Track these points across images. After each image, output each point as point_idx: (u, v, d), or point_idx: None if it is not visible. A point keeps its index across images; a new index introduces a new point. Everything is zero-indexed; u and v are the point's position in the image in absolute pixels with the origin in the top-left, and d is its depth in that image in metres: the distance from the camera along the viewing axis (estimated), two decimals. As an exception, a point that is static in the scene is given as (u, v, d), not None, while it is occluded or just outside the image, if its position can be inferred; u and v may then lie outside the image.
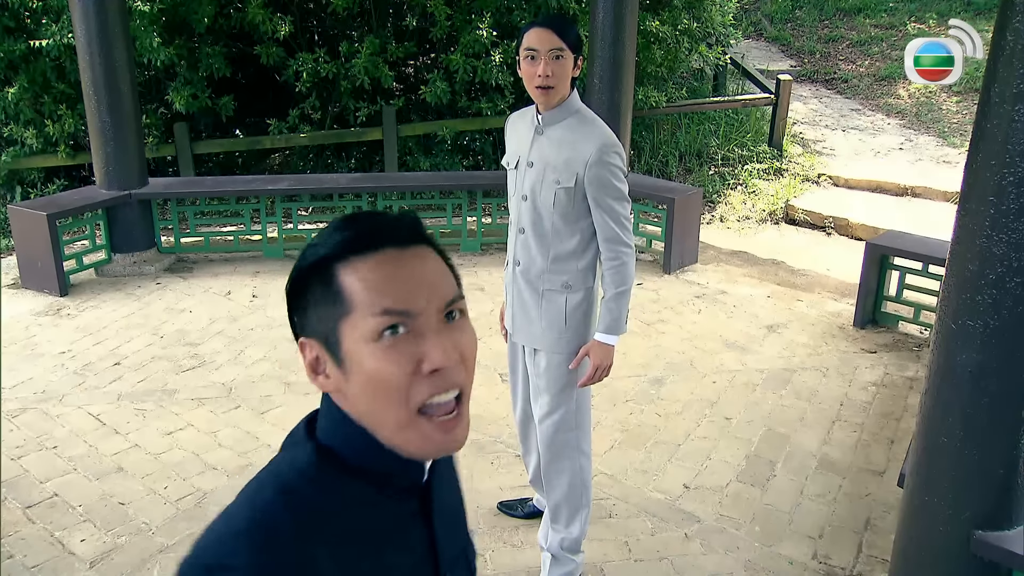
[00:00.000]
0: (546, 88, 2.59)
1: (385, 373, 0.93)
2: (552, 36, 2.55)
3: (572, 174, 2.62)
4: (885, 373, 4.85)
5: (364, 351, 0.93)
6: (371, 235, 0.96)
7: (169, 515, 3.49)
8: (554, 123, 2.68)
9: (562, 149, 2.64)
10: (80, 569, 3.18)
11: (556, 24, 2.58)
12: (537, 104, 2.69)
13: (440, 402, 0.96)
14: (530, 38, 2.57)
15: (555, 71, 2.56)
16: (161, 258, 6.49)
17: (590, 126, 2.66)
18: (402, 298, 0.94)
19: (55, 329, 5.31)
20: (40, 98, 7.48)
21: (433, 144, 8.51)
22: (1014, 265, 2.24)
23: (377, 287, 0.93)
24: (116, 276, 6.24)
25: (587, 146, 2.60)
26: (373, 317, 0.93)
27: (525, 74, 2.61)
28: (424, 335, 0.94)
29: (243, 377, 4.68)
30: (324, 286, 0.95)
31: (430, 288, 0.96)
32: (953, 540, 2.57)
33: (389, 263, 0.95)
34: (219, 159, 8.71)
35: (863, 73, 11.98)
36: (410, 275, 0.95)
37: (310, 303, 0.97)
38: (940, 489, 2.59)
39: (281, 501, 0.92)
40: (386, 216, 1.00)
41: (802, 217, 7.87)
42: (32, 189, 7.76)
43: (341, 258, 0.95)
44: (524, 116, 2.83)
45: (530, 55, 2.57)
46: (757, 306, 5.78)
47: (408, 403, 0.94)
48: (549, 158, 2.67)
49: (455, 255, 6.68)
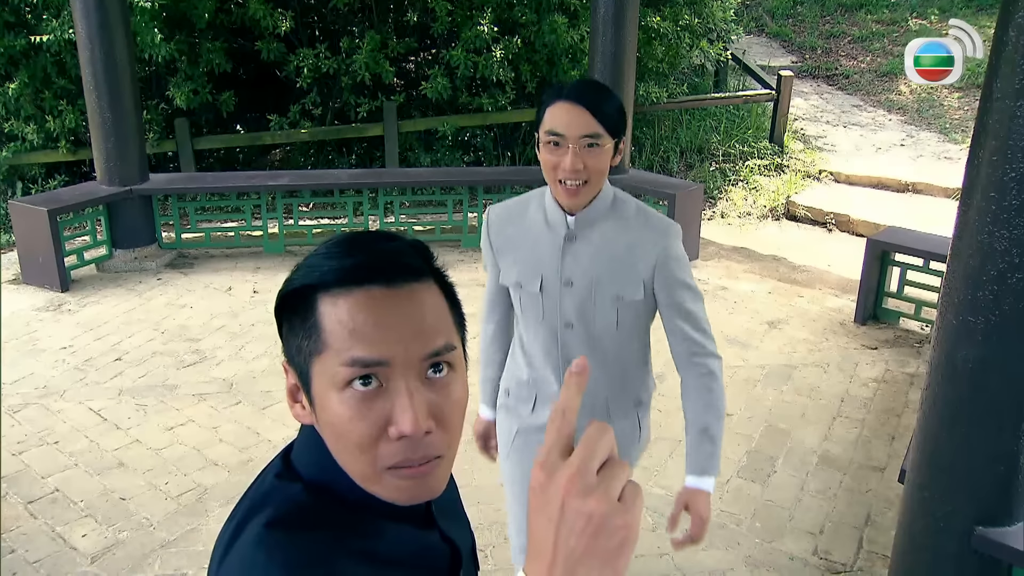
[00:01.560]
0: (575, 188, 1.91)
1: (348, 428, 0.85)
2: (585, 117, 1.85)
3: (638, 283, 2.00)
4: (886, 369, 4.85)
5: (332, 397, 0.86)
6: (359, 269, 0.87)
7: (170, 510, 3.50)
8: (593, 222, 2.00)
9: (615, 254, 2.00)
10: (81, 564, 3.18)
11: (590, 99, 1.87)
12: (560, 203, 1.99)
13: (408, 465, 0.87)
14: (554, 118, 1.88)
15: (588, 164, 1.88)
16: (162, 254, 6.49)
17: (641, 215, 2.04)
18: (377, 347, 0.84)
19: (56, 324, 5.31)
20: (41, 94, 7.48)
21: (434, 140, 8.50)
22: (1015, 261, 2.24)
23: (352, 331, 0.85)
24: (117, 272, 6.24)
25: (649, 243, 1.99)
26: (343, 366, 0.84)
27: (545, 162, 1.91)
28: (398, 392, 0.85)
29: (244, 373, 4.68)
30: (303, 316, 0.88)
31: (414, 336, 0.86)
32: (954, 536, 2.57)
33: (371, 305, 0.86)
34: (220, 155, 8.71)
35: (864, 69, 11.97)
36: (392, 321, 0.86)
37: (290, 330, 0.91)
38: (941, 485, 2.59)
39: (290, 537, 0.85)
40: (385, 246, 0.91)
41: (803, 213, 7.87)
42: (33, 185, 7.77)
43: (324, 289, 0.87)
44: (526, 214, 2.09)
45: (553, 140, 1.88)
46: (758, 302, 5.78)
47: (373, 464, 0.87)
48: (598, 270, 2.01)
49: (455, 251, 6.68)
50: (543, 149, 1.91)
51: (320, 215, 7.38)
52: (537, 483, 0.67)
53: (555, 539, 0.65)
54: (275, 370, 4.62)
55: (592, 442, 0.66)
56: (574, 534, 0.64)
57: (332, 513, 0.90)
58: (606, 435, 0.67)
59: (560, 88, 1.91)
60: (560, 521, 0.65)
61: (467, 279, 5.66)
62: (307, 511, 0.89)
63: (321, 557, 0.84)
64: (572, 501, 0.65)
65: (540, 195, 2.08)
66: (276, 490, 0.92)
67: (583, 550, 0.65)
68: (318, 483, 0.92)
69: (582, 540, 0.64)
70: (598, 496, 0.65)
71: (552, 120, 1.88)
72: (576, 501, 0.64)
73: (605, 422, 0.68)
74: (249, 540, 0.86)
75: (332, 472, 0.91)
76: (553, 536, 0.65)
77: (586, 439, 0.66)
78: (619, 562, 0.65)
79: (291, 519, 0.88)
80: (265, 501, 0.91)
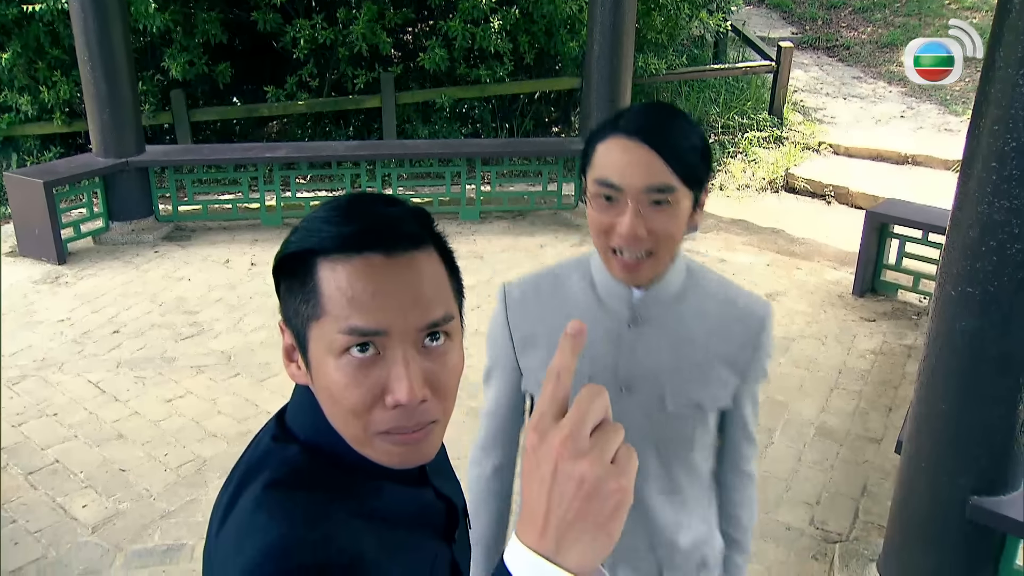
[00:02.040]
0: (635, 261, 1.34)
1: (344, 394, 0.86)
2: (652, 161, 1.28)
3: (723, 387, 1.47)
4: (884, 341, 4.86)
5: (328, 363, 0.86)
6: (359, 235, 0.86)
7: (170, 481, 3.51)
8: (665, 302, 1.45)
9: (694, 349, 1.45)
10: (82, 534, 3.20)
11: (660, 135, 1.29)
12: (616, 274, 1.40)
13: (402, 433, 0.88)
14: (608, 161, 1.31)
15: (655, 228, 1.31)
16: (159, 226, 6.46)
17: (725, 294, 1.50)
18: (375, 317, 0.84)
19: (53, 297, 5.30)
20: (34, 64, 7.41)
21: (432, 112, 8.45)
22: (1015, 231, 2.23)
23: (351, 300, 0.84)
24: (114, 244, 6.22)
25: (738, 333, 1.46)
26: (341, 333, 0.84)
27: (594, 222, 1.36)
28: (395, 360, 0.85)
29: (242, 345, 4.68)
30: (301, 280, 0.88)
31: (412, 306, 0.86)
32: (949, 506, 2.59)
33: (370, 273, 0.85)
34: (216, 127, 8.66)
35: (865, 40, 11.88)
36: (391, 290, 0.85)
37: (288, 292, 0.90)
38: (937, 455, 2.60)
39: (290, 498, 0.85)
40: (385, 211, 0.90)
41: (802, 185, 7.84)
42: (28, 157, 7.72)
43: (323, 254, 0.86)
44: (564, 290, 1.51)
45: (604, 194, 1.31)
46: (756, 274, 5.78)
47: (367, 428, 0.87)
48: (672, 370, 1.44)
49: (453, 223, 6.66)
50: (591, 203, 1.34)
51: (317, 187, 7.35)
52: (530, 445, 0.66)
53: (547, 502, 0.65)
54: (273, 342, 4.62)
55: (585, 404, 0.65)
56: (566, 497, 0.64)
57: (330, 474, 0.90)
58: (600, 397, 0.66)
59: (616, 118, 1.34)
60: (552, 484, 0.64)
61: (465, 251, 5.66)
62: (305, 472, 0.89)
63: (322, 517, 0.85)
64: (564, 464, 0.64)
65: (581, 265, 1.51)
66: (273, 452, 0.92)
67: (575, 513, 0.64)
68: (315, 445, 0.92)
69: (574, 503, 0.64)
70: (591, 459, 0.64)
71: (604, 164, 1.31)
72: (568, 464, 0.64)
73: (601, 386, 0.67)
74: (249, 503, 0.86)
75: (328, 434, 0.91)
76: (546, 499, 0.65)
77: (579, 401, 0.65)
78: (612, 525, 0.65)
79: (290, 480, 0.88)
80: (262, 464, 0.91)
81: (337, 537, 0.83)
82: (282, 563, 0.79)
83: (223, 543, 0.86)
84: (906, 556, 2.77)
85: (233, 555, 0.83)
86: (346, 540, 0.83)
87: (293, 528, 0.82)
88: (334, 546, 0.82)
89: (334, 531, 0.84)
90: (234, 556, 0.82)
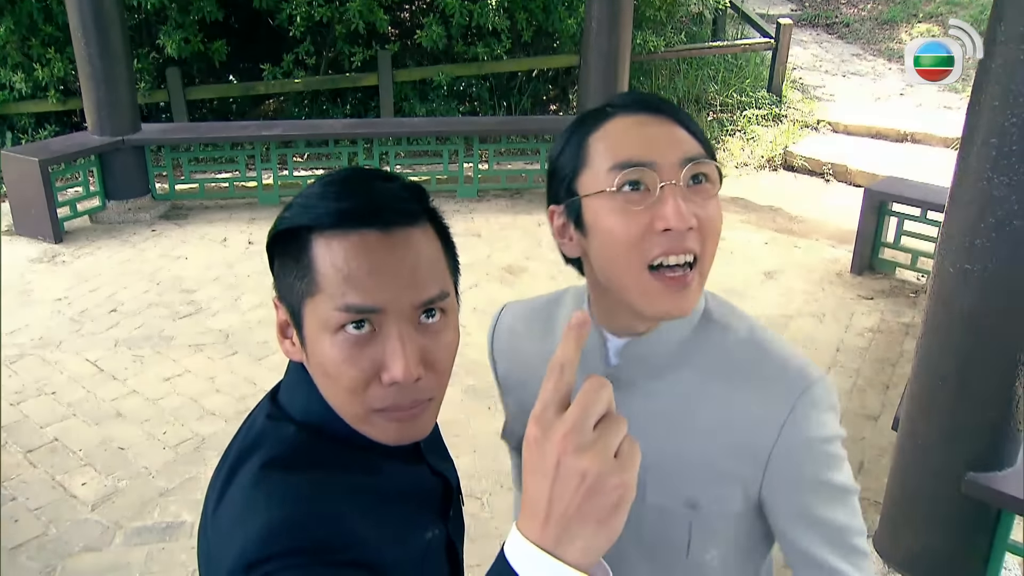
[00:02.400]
0: (683, 274, 0.98)
1: (340, 371, 0.85)
2: (676, 130, 1.02)
3: (731, 482, 1.06)
4: (882, 319, 4.87)
5: (324, 340, 0.86)
6: (355, 212, 0.86)
7: (169, 459, 3.52)
8: (658, 361, 1.09)
9: (694, 425, 1.07)
10: (82, 511, 3.21)
11: (673, 109, 1.05)
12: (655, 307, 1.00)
13: (398, 410, 0.88)
14: (626, 139, 1.00)
15: (702, 214, 0.99)
16: (156, 205, 6.44)
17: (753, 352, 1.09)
18: (371, 294, 0.84)
19: (50, 276, 5.29)
20: (27, 41, 7.36)
21: (429, 90, 8.40)
22: (1014, 208, 2.23)
23: (347, 277, 0.84)
24: (111, 223, 6.20)
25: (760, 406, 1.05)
26: (336, 310, 0.84)
27: (619, 235, 0.98)
28: (390, 338, 0.85)
29: (240, 323, 4.68)
30: (296, 256, 0.87)
31: (408, 283, 0.86)
32: (945, 481, 2.60)
33: (366, 250, 0.85)
34: (213, 105, 8.60)
35: (865, 17, 11.82)
36: (387, 268, 0.85)
37: (282, 268, 0.90)
38: (934, 432, 2.61)
39: (287, 476, 0.85)
40: (381, 187, 0.89)
41: (801, 163, 7.82)
42: (23, 135, 7.68)
43: (318, 230, 0.86)
44: (552, 324, 1.22)
45: (630, 180, 0.97)
46: (755, 252, 5.77)
47: (362, 405, 0.87)
48: (658, 452, 1.03)
49: (451, 202, 6.65)
50: (604, 213, 0.98)
51: (315, 165, 7.32)
52: (532, 438, 0.66)
53: (549, 497, 0.64)
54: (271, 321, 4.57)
55: (589, 397, 0.64)
56: (568, 492, 0.63)
57: (326, 451, 0.90)
58: (604, 390, 0.65)
59: (604, 106, 1.05)
60: (555, 479, 0.64)
61: (462, 229, 5.65)
62: (302, 450, 0.89)
63: (319, 496, 0.84)
64: (567, 459, 0.63)
65: (578, 296, 1.20)
66: (268, 431, 0.92)
67: (577, 509, 0.64)
68: (310, 423, 0.91)
69: (576, 499, 0.63)
70: (594, 454, 0.63)
71: (617, 145, 0.99)
72: (571, 459, 0.63)
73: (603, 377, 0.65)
74: (246, 483, 0.86)
75: (323, 412, 0.91)
76: (547, 494, 0.64)
77: (583, 394, 0.65)
78: (614, 520, 0.65)
79: (286, 459, 0.88)
80: (258, 443, 0.90)
81: (335, 516, 0.83)
82: (282, 544, 0.79)
83: (220, 523, 0.86)
84: (902, 532, 2.79)
85: (231, 537, 0.83)
86: (344, 519, 0.83)
87: (291, 508, 0.82)
88: (333, 526, 0.82)
89: (332, 510, 0.84)
90: (232, 538, 0.82)
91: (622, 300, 1.01)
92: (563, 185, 1.04)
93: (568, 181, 1.03)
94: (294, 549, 0.79)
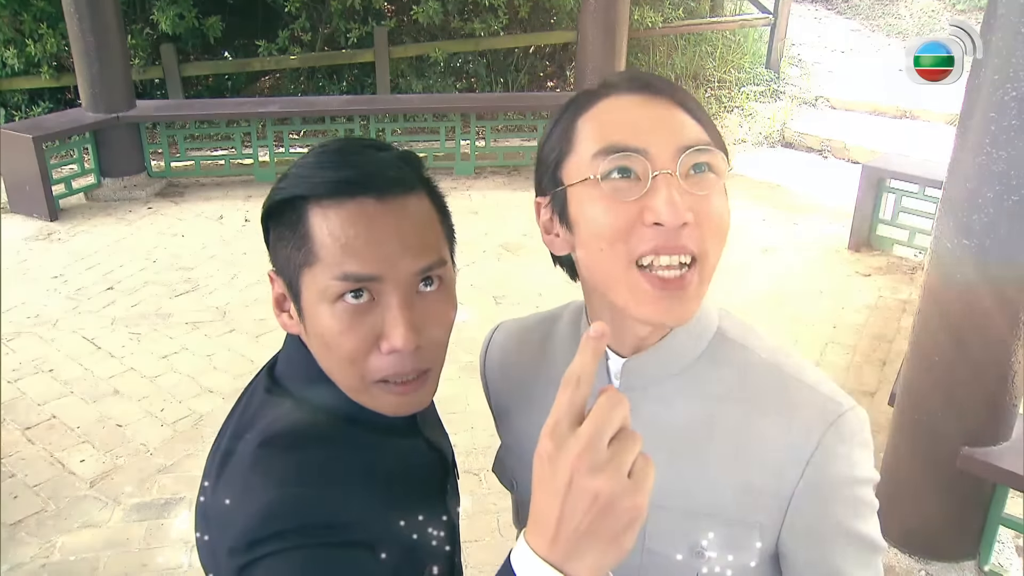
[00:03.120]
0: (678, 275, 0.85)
1: (339, 341, 0.85)
2: (677, 113, 0.88)
3: (745, 526, 0.91)
4: (879, 296, 4.87)
5: (322, 310, 0.86)
6: (351, 181, 0.86)
7: (167, 436, 3.53)
8: (661, 383, 0.95)
9: (704, 457, 0.93)
10: (81, 488, 3.22)
11: (674, 89, 0.91)
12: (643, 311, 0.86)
13: (398, 380, 0.88)
14: (618, 122, 0.87)
15: (701, 208, 0.84)
16: (152, 182, 6.41)
17: (773, 377, 0.94)
18: (369, 263, 0.84)
19: (46, 254, 5.28)
20: (19, 16, 7.29)
21: (426, 66, 8.34)
22: (1012, 183, 2.22)
23: (344, 246, 0.84)
24: (106, 201, 6.17)
25: (781, 437, 0.90)
26: (334, 280, 0.84)
27: (604, 227, 0.85)
28: (389, 306, 0.85)
29: (237, 301, 4.68)
30: (292, 226, 0.87)
31: (405, 253, 0.85)
32: (941, 456, 2.61)
33: (363, 218, 0.85)
34: (208, 82, 8.54)
35: (864, -7, 11.73)
36: (384, 236, 0.85)
37: (278, 239, 0.90)
38: (930, 407, 2.62)
39: (284, 456, 0.85)
40: (376, 156, 0.89)
41: (798, 140, 7.80)
42: (16, 112, 7.63)
43: (315, 200, 0.86)
44: (550, 342, 1.09)
45: (618, 167, 0.84)
46: (752, 229, 5.77)
47: (362, 375, 0.87)
48: (673, 491, 0.92)
49: (448, 178, 6.62)
50: (588, 203, 0.86)
51: (311, 143, 7.27)
52: (545, 453, 0.64)
53: (559, 514, 0.63)
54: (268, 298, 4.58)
55: (604, 413, 0.62)
56: (579, 512, 0.62)
57: (324, 428, 0.89)
58: (619, 406, 0.63)
59: (599, 86, 0.92)
60: (566, 496, 0.62)
61: (459, 206, 5.62)
62: (300, 427, 0.88)
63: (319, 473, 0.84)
64: (580, 478, 0.62)
65: (578, 311, 1.07)
66: (266, 406, 0.91)
67: (587, 528, 0.62)
68: (308, 397, 0.91)
69: (587, 518, 0.62)
70: (608, 475, 0.62)
71: (608, 128, 0.87)
72: (584, 479, 0.62)
73: (619, 391, 0.63)
74: (244, 462, 0.86)
75: (321, 386, 0.90)
76: (558, 511, 0.63)
77: (598, 409, 0.63)
78: (624, 539, 0.63)
79: (285, 436, 0.87)
80: (255, 419, 0.90)
81: (335, 495, 0.83)
82: (283, 523, 0.79)
83: (219, 502, 0.86)
84: (897, 506, 2.80)
85: (232, 515, 0.82)
86: (344, 497, 0.83)
87: (291, 488, 0.82)
88: (333, 504, 0.82)
89: (332, 489, 0.83)
90: (233, 517, 0.82)
91: (613, 305, 0.88)
92: (547, 173, 0.92)
93: (553, 169, 0.91)
94: (296, 528, 0.79)
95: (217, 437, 0.94)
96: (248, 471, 0.85)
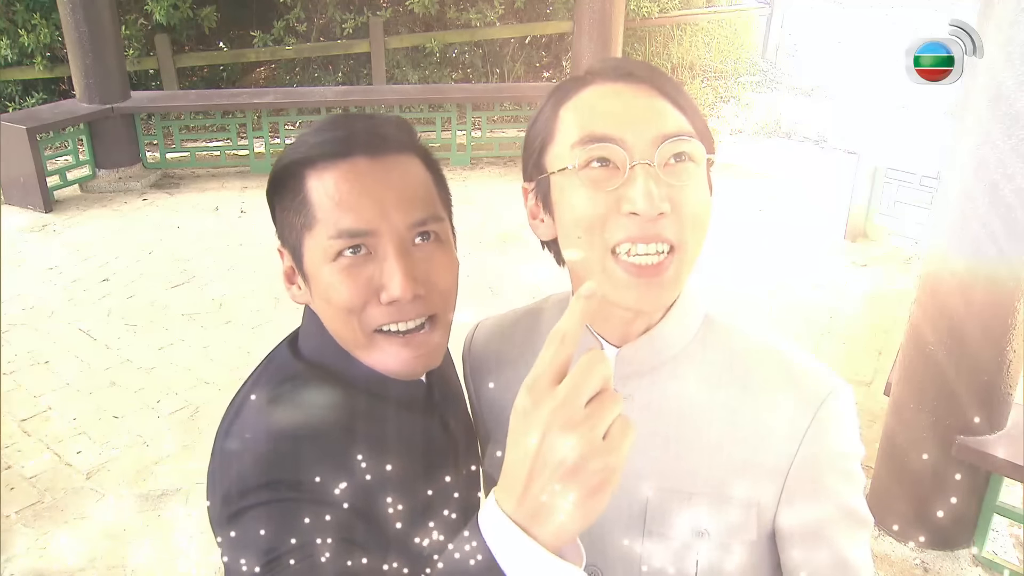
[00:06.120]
0: (656, 263, 0.86)
1: (338, 292, 0.89)
2: (657, 102, 0.89)
3: (743, 508, 0.93)
4: (875, 285, 4.88)
5: (323, 270, 0.89)
6: (343, 141, 0.90)
7: (163, 428, 3.52)
8: (655, 368, 0.96)
9: (702, 442, 0.94)
10: (78, 479, 3.22)
11: (657, 75, 0.91)
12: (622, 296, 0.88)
13: (400, 330, 0.90)
14: (597, 111, 0.88)
15: (678, 198, 0.86)
16: (147, 174, 6.39)
17: (767, 362, 0.96)
18: (363, 217, 0.87)
19: (41, 245, 5.26)
20: (12, 6, 7.25)
21: (421, 57, 8.32)
22: (1009, 171, 2.22)
23: (339, 203, 0.87)
24: (101, 192, 6.15)
25: (775, 418, 0.92)
26: (332, 238, 0.88)
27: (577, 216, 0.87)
28: (386, 258, 0.88)
29: (233, 292, 4.67)
30: (293, 193, 0.91)
31: (398, 206, 0.89)
32: (936, 445, 2.62)
33: (356, 175, 0.89)
34: (203, 73, 8.51)
35: (861, -18, 11.72)
36: (377, 190, 0.88)
37: (282, 209, 0.94)
38: (925, 396, 2.62)
39: (287, 411, 0.88)
40: (367, 120, 0.93)
41: (795, 130, 7.79)
42: (10, 103, 7.59)
43: (310, 163, 0.90)
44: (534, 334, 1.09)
45: (597, 158, 0.86)
46: (748, 219, 5.76)
47: (362, 326, 0.90)
48: (659, 473, 0.95)
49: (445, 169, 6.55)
50: (568, 191, 0.88)
51: (306, 134, 7.27)
52: (521, 407, 0.63)
53: (529, 471, 0.62)
54: (264, 290, 4.60)
55: (584, 372, 0.61)
56: (548, 469, 0.61)
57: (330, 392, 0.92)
58: (601, 365, 0.62)
59: (590, 69, 0.93)
60: (536, 454, 0.61)
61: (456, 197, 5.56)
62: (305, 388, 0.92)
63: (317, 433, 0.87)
64: (551, 435, 0.61)
65: (561, 303, 1.09)
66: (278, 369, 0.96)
67: (555, 488, 0.61)
68: (318, 363, 0.94)
69: (555, 477, 0.61)
70: (580, 433, 0.60)
71: (587, 117, 0.88)
72: (556, 436, 0.61)
73: (603, 351, 0.62)
74: (249, 414, 0.90)
75: (332, 353, 0.94)
76: (528, 468, 0.62)
77: (578, 368, 0.62)
78: (593, 503, 0.62)
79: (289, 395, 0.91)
80: (266, 377, 0.95)
81: (330, 455, 0.85)
82: (274, 474, 0.82)
83: (223, 451, 0.89)
84: (893, 496, 2.81)
85: (229, 464, 0.86)
86: (339, 460, 0.85)
87: (289, 442, 0.85)
88: (325, 464, 0.84)
89: (328, 450, 0.86)
90: (229, 465, 0.86)
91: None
92: (532, 160, 0.94)
93: (537, 156, 0.92)
94: (286, 481, 0.82)
95: (233, 398, 0.98)
96: (251, 422, 0.89)
